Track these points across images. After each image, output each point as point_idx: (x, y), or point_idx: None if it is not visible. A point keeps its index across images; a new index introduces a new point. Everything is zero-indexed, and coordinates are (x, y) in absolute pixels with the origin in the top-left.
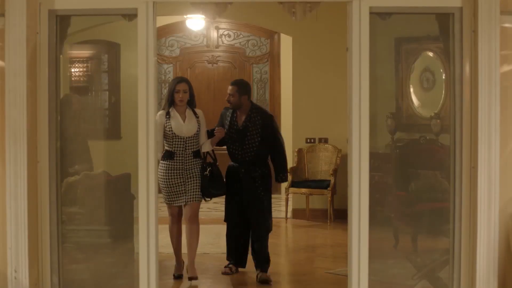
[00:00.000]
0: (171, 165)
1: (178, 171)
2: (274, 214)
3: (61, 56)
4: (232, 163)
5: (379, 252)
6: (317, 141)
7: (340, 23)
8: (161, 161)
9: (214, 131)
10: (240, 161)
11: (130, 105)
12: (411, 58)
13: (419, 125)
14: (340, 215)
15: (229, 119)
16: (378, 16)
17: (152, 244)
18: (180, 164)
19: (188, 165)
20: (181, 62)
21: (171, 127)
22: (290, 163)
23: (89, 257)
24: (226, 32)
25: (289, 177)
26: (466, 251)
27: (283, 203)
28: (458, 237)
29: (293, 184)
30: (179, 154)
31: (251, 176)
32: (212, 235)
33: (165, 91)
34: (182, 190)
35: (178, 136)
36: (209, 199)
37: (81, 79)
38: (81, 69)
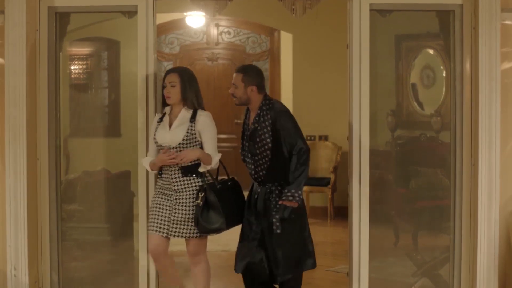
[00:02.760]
0: (161, 184)
1: (166, 193)
2: None
3: (60, 53)
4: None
5: (380, 249)
6: (317, 138)
7: (341, 20)
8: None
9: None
10: (256, 177)
11: (130, 102)
12: (412, 55)
13: (420, 122)
14: (340, 213)
15: (243, 122)
16: (378, 13)
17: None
18: (167, 183)
19: (178, 186)
20: (181, 59)
21: (155, 136)
22: None
23: (89, 255)
24: (226, 29)
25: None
26: (466, 249)
27: None
28: (458, 234)
29: None
30: (165, 170)
31: (265, 199)
32: None
33: None
34: (166, 217)
35: (161, 146)
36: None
37: (81, 76)
38: (80, 67)
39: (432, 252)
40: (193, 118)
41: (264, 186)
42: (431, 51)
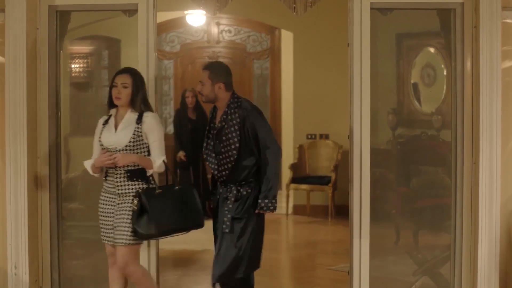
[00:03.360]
0: (106, 188)
1: (110, 197)
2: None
3: (61, 51)
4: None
5: (380, 248)
6: (318, 137)
7: (341, 19)
8: None
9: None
10: (218, 177)
11: None
12: (412, 54)
13: (421, 121)
14: (341, 211)
15: (209, 120)
16: (379, 11)
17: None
18: (112, 187)
19: (122, 190)
20: (181, 57)
21: (100, 138)
22: (291, 159)
23: (89, 253)
24: (226, 28)
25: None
26: (467, 247)
27: (284, 200)
28: (459, 233)
29: (294, 180)
30: (110, 173)
31: (224, 198)
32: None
33: (165, 88)
34: (110, 225)
35: (107, 148)
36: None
37: (81, 75)
38: (81, 65)
39: (433, 250)
40: (139, 120)
41: (226, 187)
42: (432, 50)
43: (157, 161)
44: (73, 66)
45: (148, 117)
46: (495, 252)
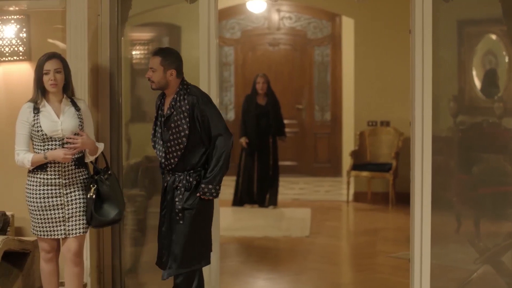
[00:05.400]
0: (44, 180)
1: (54, 189)
2: (335, 197)
3: (122, 38)
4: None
5: (441, 236)
6: (379, 124)
7: (403, 5)
8: (29, 175)
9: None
10: (166, 165)
11: None
12: (474, 41)
13: (482, 108)
14: (402, 199)
15: (157, 107)
16: None
17: (215, 226)
18: (57, 178)
19: (69, 179)
20: (242, 44)
21: (40, 127)
22: (352, 146)
23: (150, 240)
24: (287, 15)
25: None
26: None
27: (345, 186)
28: None
29: (355, 167)
30: (55, 164)
31: (173, 188)
32: (273, 217)
33: (226, 74)
34: (60, 217)
35: (52, 138)
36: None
37: (142, 61)
38: (142, 52)
39: (494, 238)
40: (76, 106)
41: (174, 175)
42: (493, 37)
43: (100, 146)
44: (134, 52)
45: (81, 102)
46: None
